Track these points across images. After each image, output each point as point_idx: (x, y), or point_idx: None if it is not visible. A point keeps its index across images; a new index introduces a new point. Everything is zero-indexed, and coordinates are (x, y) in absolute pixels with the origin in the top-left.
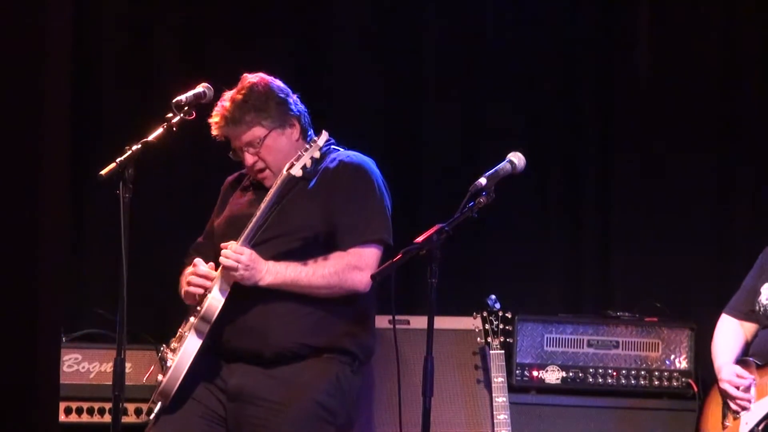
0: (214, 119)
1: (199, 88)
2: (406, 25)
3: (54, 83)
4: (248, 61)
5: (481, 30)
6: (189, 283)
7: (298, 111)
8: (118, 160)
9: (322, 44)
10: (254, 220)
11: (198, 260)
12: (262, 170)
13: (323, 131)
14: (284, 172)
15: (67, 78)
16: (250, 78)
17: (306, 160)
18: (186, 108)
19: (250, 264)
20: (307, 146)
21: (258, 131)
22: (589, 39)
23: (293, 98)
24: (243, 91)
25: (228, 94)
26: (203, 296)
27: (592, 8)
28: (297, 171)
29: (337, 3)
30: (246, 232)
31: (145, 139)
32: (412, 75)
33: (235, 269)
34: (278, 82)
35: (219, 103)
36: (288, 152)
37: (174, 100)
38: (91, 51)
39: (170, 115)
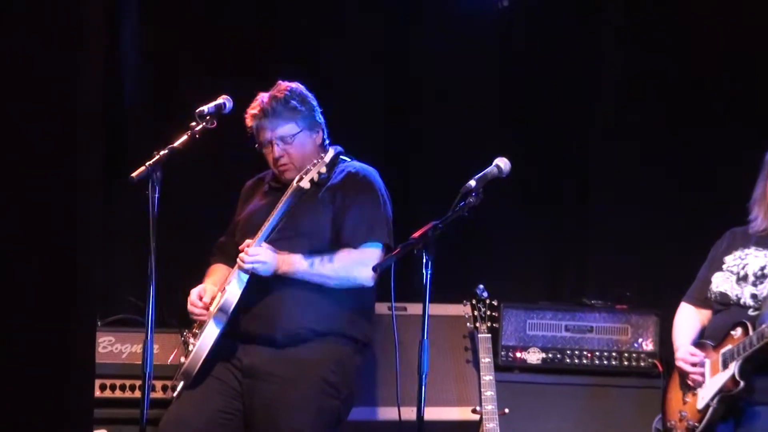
0: (253, 110)
1: (220, 100)
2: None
3: (89, 90)
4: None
5: (474, 44)
6: (190, 315)
7: (323, 120)
8: (147, 163)
9: (323, 57)
10: (269, 222)
11: (192, 293)
12: (285, 164)
13: (331, 148)
14: (294, 183)
15: (101, 86)
16: (288, 83)
17: (314, 174)
18: (208, 117)
19: (266, 261)
20: (316, 161)
21: (292, 128)
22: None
23: (320, 109)
24: (284, 91)
25: (266, 93)
26: (222, 293)
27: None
28: (305, 184)
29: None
30: (261, 233)
31: (171, 145)
32: (410, 93)
33: (256, 267)
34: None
35: (258, 98)
36: (311, 153)
37: (197, 111)
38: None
39: (194, 123)
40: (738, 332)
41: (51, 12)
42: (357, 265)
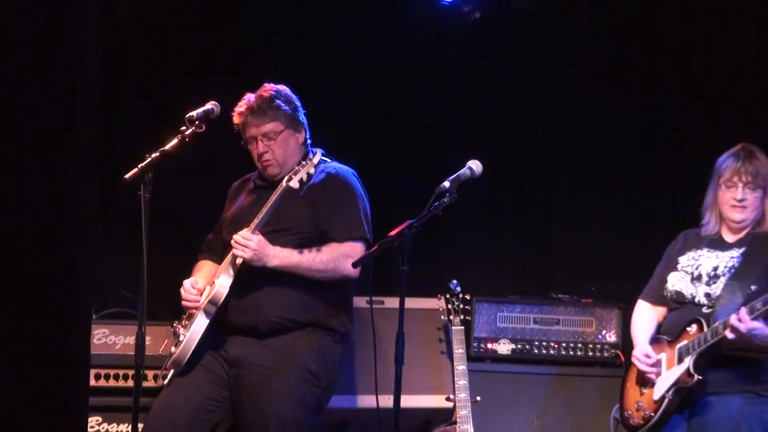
0: (240, 108)
1: (209, 105)
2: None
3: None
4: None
5: (449, 50)
6: (183, 304)
7: (305, 121)
8: (139, 165)
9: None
10: (260, 216)
11: (186, 283)
12: (268, 160)
13: (318, 151)
14: (284, 183)
15: (100, 92)
16: (274, 85)
17: (303, 175)
18: (197, 122)
19: (258, 249)
20: (304, 162)
21: (276, 126)
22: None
23: (303, 110)
24: (270, 91)
25: (252, 94)
26: (211, 286)
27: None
28: (294, 184)
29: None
30: (254, 225)
31: (162, 148)
32: (386, 97)
33: (246, 251)
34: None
35: (245, 97)
36: (293, 151)
37: (187, 116)
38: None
39: (184, 128)
40: (693, 329)
41: (49, 9)
42: (344, 258)
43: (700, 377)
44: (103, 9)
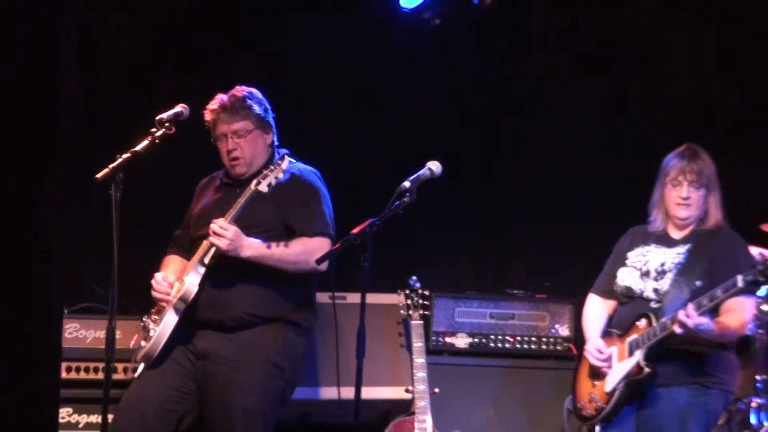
0: (213, 106)
1: (178, 108)
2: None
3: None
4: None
5: (408, 55)
6: (153, 294)
7: (274, 124)
8: (111, 166)
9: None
10: (233, 211)
11: (157, 276)
12: (236, 158)
13: (285, 154)
14: (252, 187)
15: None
16: (247, 87)
17: (271, 179)
18: (167, 124)
19: (234, 239)
20: (273, 167)
21: (247, 125)
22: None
23: (273, 114)
24: (243, 92)
25: (224, 94)
26: (180, 283)
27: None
28: (263, 188)
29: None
30: (229, 217)
31: (133, 149)
32: (350, 99)
33: (222, 241)
34: None
35: (218, 96)
36: (261, 151)
37: (157, 118)
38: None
39: (154, 129)
40: (642, 323)
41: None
42: (315, 251)
43: (649, 370)
44: (78, 12)
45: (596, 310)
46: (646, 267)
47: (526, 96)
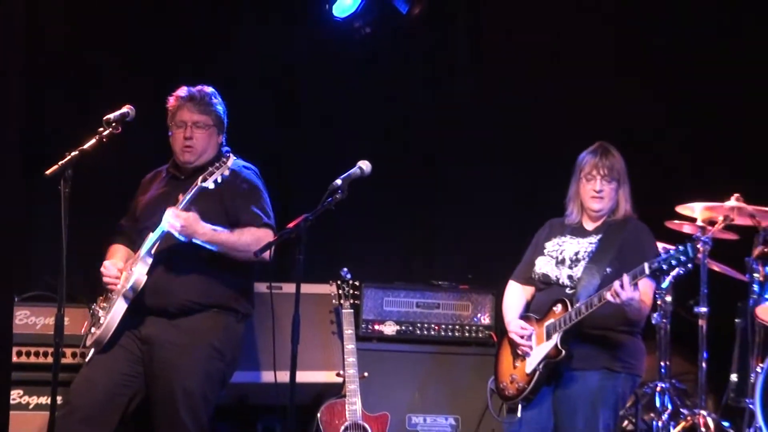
0: (181, 92)
1: (125, 109)
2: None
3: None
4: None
5: (343, 67)
6: (104, 280)
7: (225, 127)
8: (60, 162)
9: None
10: (179, 205)
11: (106, 263)
12: (189, 147)
13: (230, 153)
14: (199, 182)
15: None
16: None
17: (217, 176)
18: (114, 124)
19: (190, 223)
20: (218, 164)
21: (207, 120)
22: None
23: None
24: (210, 90)
25: (193, 87)
26: (128, 272)
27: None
28: (210, 184)
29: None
30: (181, 205)
31: (81, 147)
32: (288, 101)
33: (176, 225)
34: None
35: (183, 87)
36: (212, 147)
37: (104, 118)
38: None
39: (101, 128)
40: (558, 308)
41: None
42: (261, 241)
43: (566, 352)
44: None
45: (516, 295)
46: (562, 256)
47: (451, 96)
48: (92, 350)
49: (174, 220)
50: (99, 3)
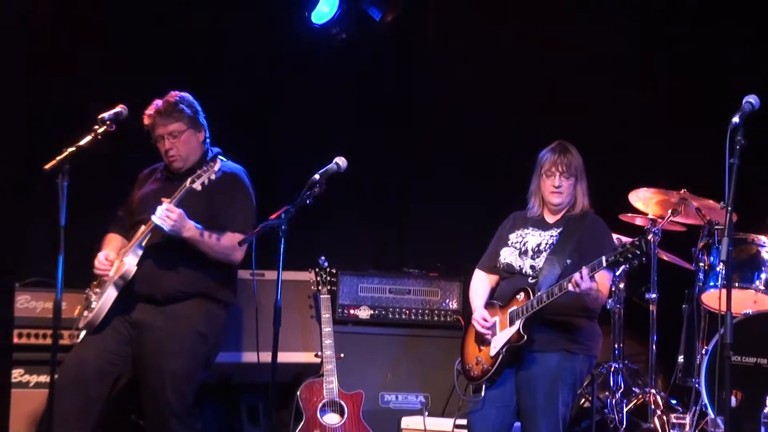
0: (149, 111)
1: (118, 108)
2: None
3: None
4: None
5: (321, 70)
6: (96, 270)
7: (205, 123)
8: (57, 158)
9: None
10: (172, 201)
11: (99, 255)
12: (173, 155)
13: (217, 154)
14: (187, 184)
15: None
16: (179, 92)
17: (205, 179)
18: (108, 122)
19: (178, 220)
20: (206, 167)
21: (180, 126)
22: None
23: (203, 114)
24: (175, 97)
25: (159, 100)
26: (120, 262)
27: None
28: (197, 186)
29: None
30: (173, 201)
31: (77, 143)
32: (269, 102)
33: (167, 222)
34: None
35: (153, 102)
36: (195, 148)
37: (99, 116)
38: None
39: (97, 126)
40: (521, 296)
41: None
42: (235, 246)
43: (527, 337)
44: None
45: (481, 283)
46: (525, 247)
47: (422, 95)
48: (84, 332)
49: (165, 215)
50: (92, 3)
